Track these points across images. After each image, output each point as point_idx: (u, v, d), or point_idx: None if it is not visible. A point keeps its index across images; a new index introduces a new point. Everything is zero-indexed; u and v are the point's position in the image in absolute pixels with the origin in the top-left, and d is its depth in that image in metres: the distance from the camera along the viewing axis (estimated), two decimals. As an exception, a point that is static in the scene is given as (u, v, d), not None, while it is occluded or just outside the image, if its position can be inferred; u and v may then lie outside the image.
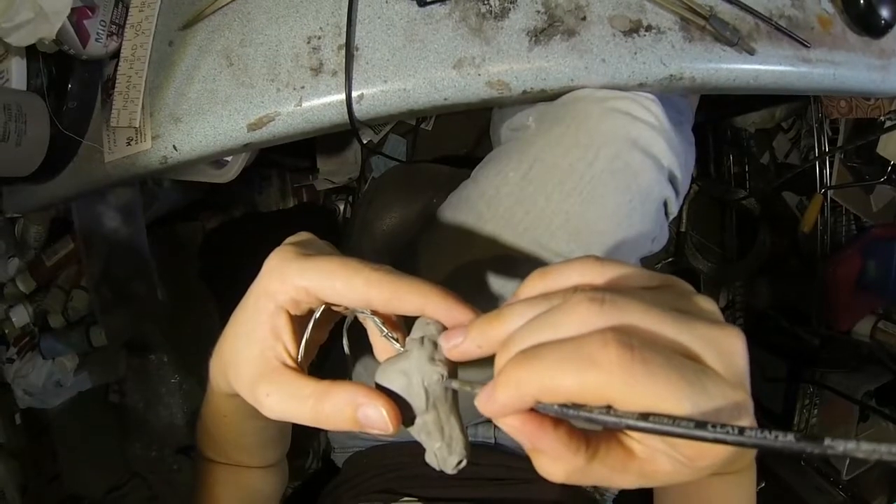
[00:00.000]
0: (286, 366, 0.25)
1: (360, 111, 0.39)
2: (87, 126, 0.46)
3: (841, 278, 0.89)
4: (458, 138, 0.93)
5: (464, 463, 0.24)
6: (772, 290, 1.11)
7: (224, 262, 0.76)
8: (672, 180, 0.41)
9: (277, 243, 0.28)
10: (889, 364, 0.85)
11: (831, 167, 0.90)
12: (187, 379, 0.81)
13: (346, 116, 0.38)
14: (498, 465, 0.47)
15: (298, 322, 0.26)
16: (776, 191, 1.07)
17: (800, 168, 0.91)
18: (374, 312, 0.25)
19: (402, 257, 0.49)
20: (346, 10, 0.38)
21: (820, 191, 0.91)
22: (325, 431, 0.63)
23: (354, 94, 0.38)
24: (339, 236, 0.79)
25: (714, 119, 1.09)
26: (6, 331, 0.69)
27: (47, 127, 0.45)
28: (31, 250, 0.70)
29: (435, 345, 0.23)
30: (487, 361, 0.22)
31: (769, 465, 0.97)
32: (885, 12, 0.46)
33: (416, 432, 0.24)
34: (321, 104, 0.39)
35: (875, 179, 0.86)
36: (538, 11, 0.38)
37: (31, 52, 0.46)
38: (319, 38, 0.39)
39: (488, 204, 0.39)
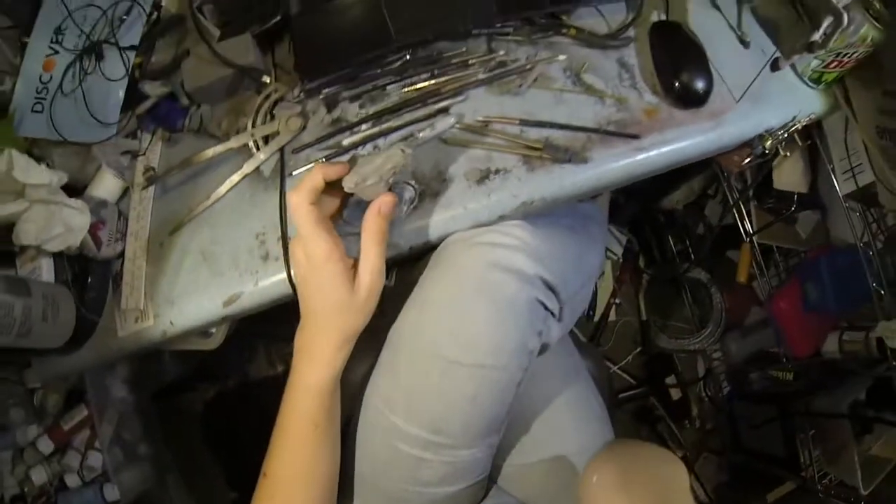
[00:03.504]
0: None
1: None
2: (103, 309, 0.59)
3: (787, 311, 0.94)
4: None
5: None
6: (741, 344, 1.16)
7: (225, 428, 0.87)
8: (544, 282, 0.50)
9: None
10: (863, 371, 0.88)
11: (749, 215, 0.99)
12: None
13: (291, 289, 0.52)
14: None
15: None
16: (718, 254, 1.15)
17: (717, 227, 1.00)
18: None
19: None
20: (279, 212, 0.55)
21: (746, 239, 1.00)
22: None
23: (293, 271, 0.52)
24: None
25: (641, 209, 1.20)
26: (25, 489, 0.76)
27: (73, 311, 0.56)
28: (50, 416, 0.80)
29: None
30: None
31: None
32: (699, 84, 0.57)
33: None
34: (272, 282, 0.54)
35: (787, 211, 0.92)
36: (413, 186, 0.54)
37: (57, 253, 0.56)
38: (264, 233, 0.55)
39: (399, 336, 0.51)
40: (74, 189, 0.59)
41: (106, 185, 0.60)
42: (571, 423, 0.62)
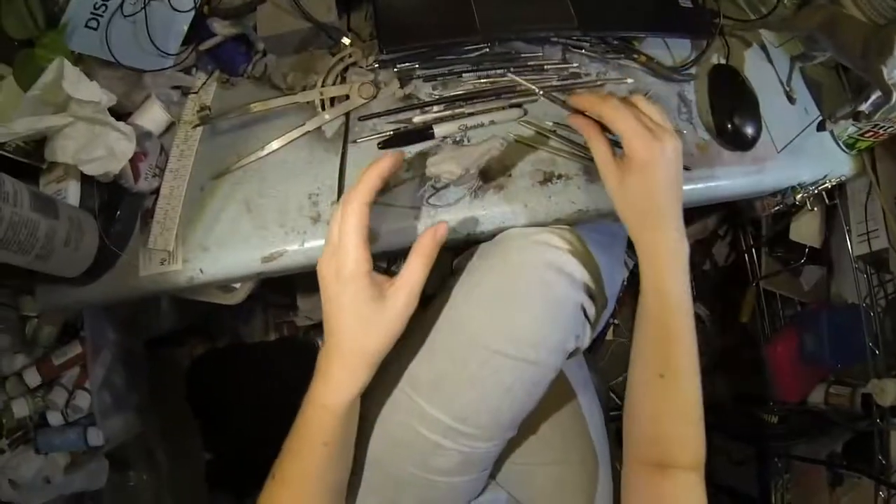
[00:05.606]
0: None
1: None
2: (127, 244, 0.57)
3: (782, 356, 0.99)
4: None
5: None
6: (729, 382, 1.20)
7: (210, 389, 0.86)
8: (588, 290, 0.52)
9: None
10: (846, 424, 0.92)
11: (759, 260, 1.06)
12: (164, 500, 0.85)
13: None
14: None
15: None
16: (719, 292, 1.20)
17: (723, 266, 1.05)
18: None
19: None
20: (337, 175, 0.55)
21: (752, 283, 1.06)
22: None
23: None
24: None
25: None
26: (3, 420, 0.73)
27: (97, 240, 0.55)
28: (41, 349, 0.77)
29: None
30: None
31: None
32: (749, 130, 0.62)
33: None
34: (318, 245, 0.54)
35: (797, 262, 0.98)
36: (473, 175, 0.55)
37: (86, 177, 0.54)
38: (318, 194, 0.56)
39: (443, 319, 0.51)
40: (117, 115, 0.57)
41: (152, 117, 0.59)
42: (576, 431, 0.65)
